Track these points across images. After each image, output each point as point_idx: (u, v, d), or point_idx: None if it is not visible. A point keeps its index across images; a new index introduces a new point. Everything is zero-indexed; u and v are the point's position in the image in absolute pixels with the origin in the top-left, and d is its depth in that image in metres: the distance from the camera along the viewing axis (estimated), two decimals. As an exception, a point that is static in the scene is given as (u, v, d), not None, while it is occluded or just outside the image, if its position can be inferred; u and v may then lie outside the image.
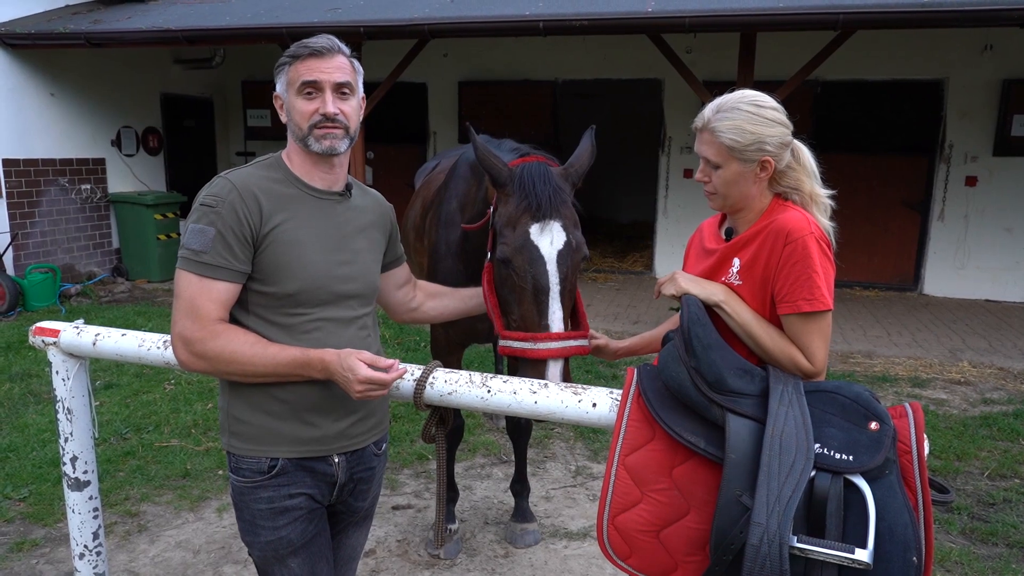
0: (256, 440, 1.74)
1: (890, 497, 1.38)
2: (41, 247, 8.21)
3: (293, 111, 1.74)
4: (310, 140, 1.72)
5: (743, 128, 1.70)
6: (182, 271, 1.66)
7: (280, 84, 1.77)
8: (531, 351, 1.94)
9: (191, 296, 1.64)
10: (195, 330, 1.64)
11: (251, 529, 1.78)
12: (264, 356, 1.65)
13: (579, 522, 3.61)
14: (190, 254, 1.65)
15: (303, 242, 1.72)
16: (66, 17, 8.38)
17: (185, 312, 1.65)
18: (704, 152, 1.77)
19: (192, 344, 1.64)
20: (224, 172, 1.75)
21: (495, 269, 2.10)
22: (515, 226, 2.04)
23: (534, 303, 1.99)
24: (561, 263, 2.02)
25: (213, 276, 1.64)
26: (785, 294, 1.68)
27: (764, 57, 6.61)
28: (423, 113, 10.22)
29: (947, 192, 8.54)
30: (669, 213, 9.41)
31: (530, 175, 2.06)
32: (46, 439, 4.34)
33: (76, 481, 2.35)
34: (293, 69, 1.72)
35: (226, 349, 1.63)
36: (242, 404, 1.75)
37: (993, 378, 5.73)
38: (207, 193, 1.69)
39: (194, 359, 1.66)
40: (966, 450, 4.32)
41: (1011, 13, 5.47)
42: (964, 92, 8.33)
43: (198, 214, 1.67)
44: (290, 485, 1.75)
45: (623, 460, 1.58)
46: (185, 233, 1.68)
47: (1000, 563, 3.22)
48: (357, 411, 1.83)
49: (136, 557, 3.27)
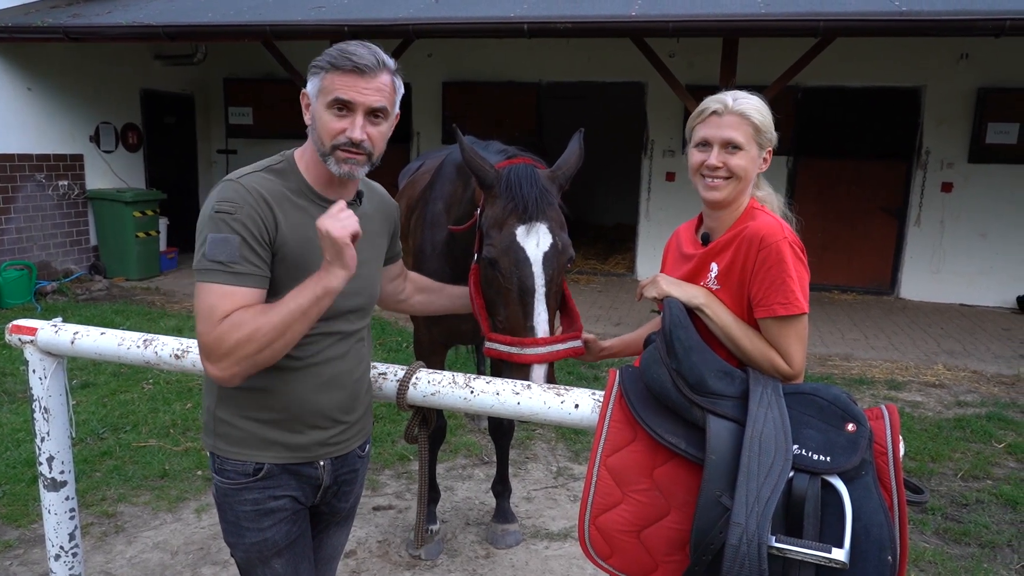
0: (242, 444, 1.71)
1: (866, 497, 1.41)
2: (16, 244, 8.08)
3: (319, 122, 1.62)
4: (330, 160, 1.63)
5: (764, 112, 1.79)
6: (209, 284, 1.53)
7: (312, 85, 1.64)
8: (517, 356, 1.95)
9: (212, 305, 1.53)
10: (208, 333, 1.53)
11: (235, 530, 1.76)
12: (277, 311, 1.52)
13: (560, 523, 3.63)
14: (218, 266, 1.53)
15: (313, 256, 1.62)
16: (44, 10, 8.27)
17: (203, 319, 1.54)
18: (727, 134, 1.76)
19: (219, 355, 1.53)
20: (232, 176, 1.63)
21: (481, 270, 2.11)
22: (501, 227, 2.04)
23: (520, 304, 2.00)
24: (547, 265, 2.03)
25: (244, 284, 1.55)
26: (761, 298, 1.71)
27: (746, 62, 6.68)
28: (407, 113, 10.20)
29: (923, 198, 8.68)
30: (651, 216, 9.47)
31: (517, 177, 2.07)
32: (20, 439, 4.27)
33: (52, 481, 2.32)
34: (329, 79, 1.60)
35: (251, 341, 1.50)
36: (230, 408, 1.71)
37: (967, 381, 5.83)
38: (221, 199, 1.57)
39: (223, 365, 1.53)
40: (940, 452, 4.40)
41: (986, 23, 5.58)
42: (941, 100, 8.47)
43: (215, 222, 1.54)
44: (275, 488, 1.74)
45: (605, 461, 1.60)
46: (203, 244, 1.54)
47: (972, 563, 3.28)
48: (345, 420, 1.81)
49: (113, 558, 3.23)
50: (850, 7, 5.94)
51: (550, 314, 2.02)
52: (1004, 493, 3.89)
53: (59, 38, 7.53)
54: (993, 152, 8.37)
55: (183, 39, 7.84)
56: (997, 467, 4.25)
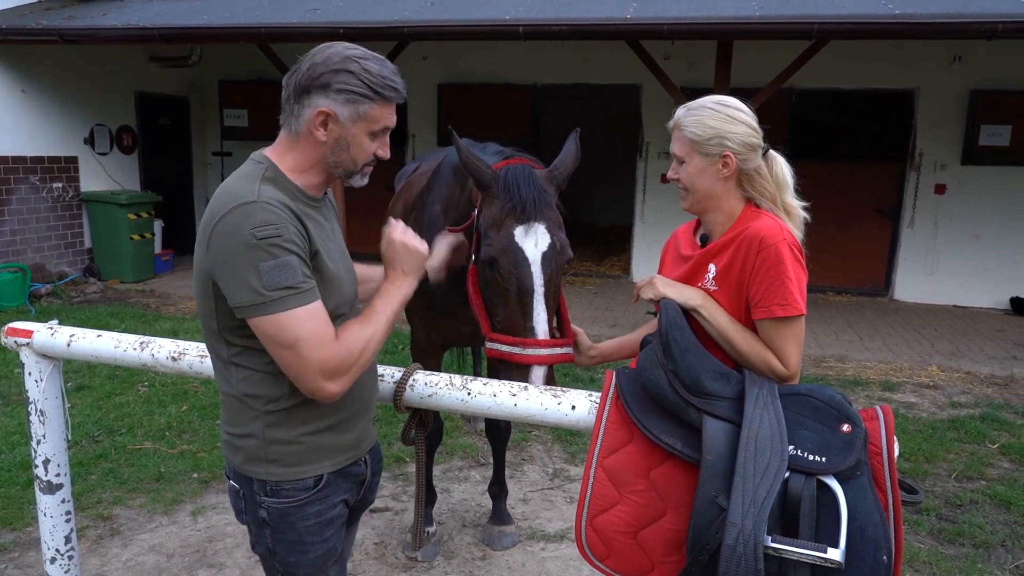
0: (302, 460, 1.66)
1: (861, 498, 1.42)
2: (10, 246, 8.05)
3: (355, 147, 1.63)
4: (356, 177, 1.69)
5: (705, 123, 1.80)
6: (288, 311, 1.48)
7: (348, 110, 1.58)
8: (518, 356, 1.96)
9: (313, 329, 1.50)
10: (334, 355, 1.53)
11: (297, 549, 1.69)
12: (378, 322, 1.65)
13: (556, 524, 3.63)
14: (289, 292, 1.48)
15: (332, 259, 1.66)
16: (39, 12, 8.24)
17: (317, 346, 1.50)
18: (673, 148, 1.88)
19: (340, 369, 1.54)
20: (243, 197, 1.52)
21: (480, 271, 2.11)
22: (500, 228, 2.05)
23: (519, 304, 2.01)
24: (546, 265, 2.04)
25: (316, 299, 1.54)
26: (759, 300, 1.72)
27: (741, 64, 6.70)
28: (402, 116, 10.19)
29: (917, 199, 8.72)
30: (647, 217, 9.49)
31: (515, 177, 2.08)
32: (15, 442, 4.26)
33: (48, 484, 2.32)
34: (379, 110, 1.61)
35: (360, 345, 1.58)
36: (290, 427, 1.64)
37: (961, 382, 5.86)
38: (258, 225, 1.47)
39: (347, 379, 1.57)
40: (934, 452, 4.42)
41: (979, 26, 5.61)
42: (934, 102, 8.52)
43: (264, 249, 1.47)
44: (332, 495, 1.71)
45: (602, 462, 1.60)
46: (258, 274, 1.47)
47: (967, 563, 3.29)
48: (371, 406, 1.84)
49: (108, 561, 3.23)
50: (844, 9, 5.97)
51: (549, 314, 2.03)
52: (998, 494, 3.91)
53: (54, 40, 7.51)
54: (986, 154, 8.42)
55: (178, 41, 7.83)
56: (991, 468, 4.27)
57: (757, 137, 1.82)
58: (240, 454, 1.67)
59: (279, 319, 1.48)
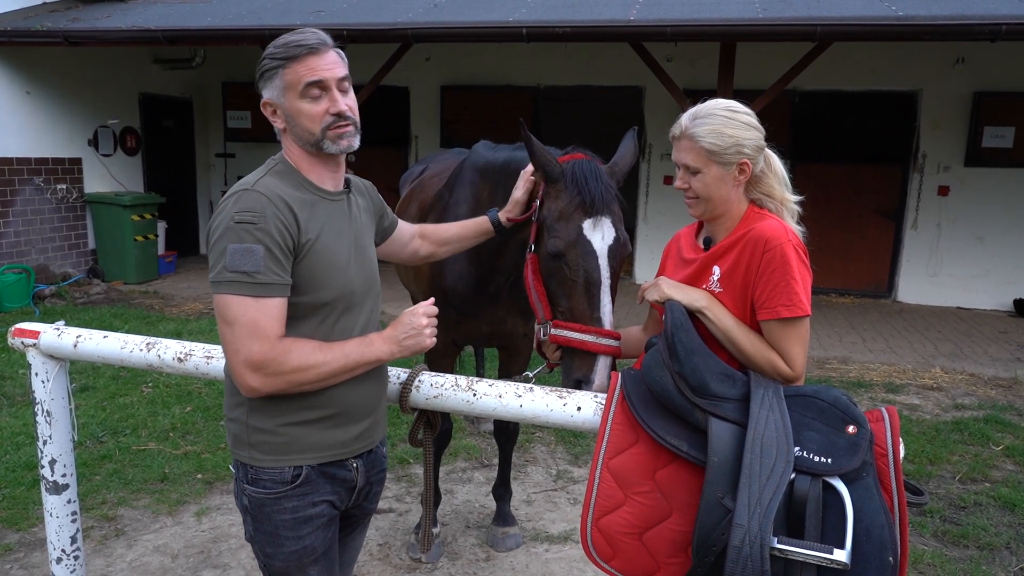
0: (281, 450, 1.68)
1: (867, 499, 1.42)
2: (15, 247, 8.07)
3: (299, 116, 1.64)
4: (325, 143, 1.65)
5: (722, 132, 1.77)
6: (234, 296, 1.54)
7: (272, 89, 1.65)
8: (591, 344, 1.98)
9: (252, 319, 1.54)
10: (267, 352, 1.55)
11: (273, 541, 1.72)
12: (336, 358, 1.62)
13: (560, 526, 3.63)
14: (242, 276, 1.53)
15: (333, 250, 1.67)
16: (43, 15, 8.27)
17: (249, 336, 1.54)
18: (683, 159, 1.83)
19: (267, 366, 1.55)
20: (244, 184, 1.62)
21: (542, 262, 2.13)
22: (568, 220, 2.08)
23: (586, 296, 2.03)
24: (612, 258, 2.07)
25: (269, 295, 1.56)
26: (764, 300, 1.72)
27: (744, 67, 6.70)
28: (405, 117, 10.21)
29: (920, 201, 8.71)
30: (649, 219, 9.49)
31: (582, 171, 2.11)
32: (20, 442, 4.27)
33: (55, 484, 2.33)
34: (291, 71, 1.61)
35: (303, 361, 1.58)
36: (268, 415, 1.67)
37: (964, 384, 5.85)
38: (241, 209, 1.56)
39: (270, 380, 1.57)
40: (938, 454, 4.41)
41: (982, 27, 5.61)
42: (937, 104, 8.51)
43: (237, 232, 1.54)
44: (312, 493, 1.72)
45: (607, 463, 1.61)
46: (224, 254, 1.54)
47: (971, 565, 3.29)
48: (374, 412, 1.83)
49: (113, 562, 3.23)
50: (847, 12, 5.98)
51: (613, 305, 2.07)
52: (1002, 496, 3.90)
53: (58, 42, 7.54)
54: (989, 156, 8.41)
55: (182, 43, 7.86)
56: (995, 470, 4.26)
57: (763, 139, 1.84)
58: (231, 436, 1.75)
59: (226, 299, 1.55)
